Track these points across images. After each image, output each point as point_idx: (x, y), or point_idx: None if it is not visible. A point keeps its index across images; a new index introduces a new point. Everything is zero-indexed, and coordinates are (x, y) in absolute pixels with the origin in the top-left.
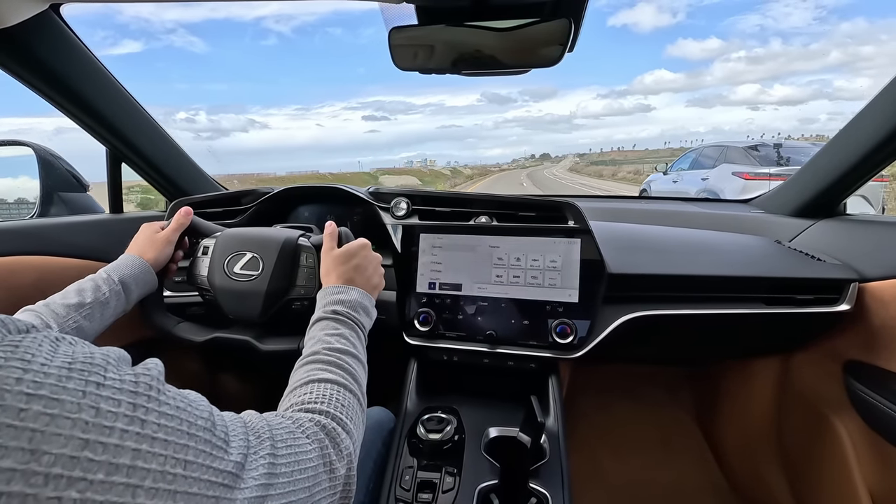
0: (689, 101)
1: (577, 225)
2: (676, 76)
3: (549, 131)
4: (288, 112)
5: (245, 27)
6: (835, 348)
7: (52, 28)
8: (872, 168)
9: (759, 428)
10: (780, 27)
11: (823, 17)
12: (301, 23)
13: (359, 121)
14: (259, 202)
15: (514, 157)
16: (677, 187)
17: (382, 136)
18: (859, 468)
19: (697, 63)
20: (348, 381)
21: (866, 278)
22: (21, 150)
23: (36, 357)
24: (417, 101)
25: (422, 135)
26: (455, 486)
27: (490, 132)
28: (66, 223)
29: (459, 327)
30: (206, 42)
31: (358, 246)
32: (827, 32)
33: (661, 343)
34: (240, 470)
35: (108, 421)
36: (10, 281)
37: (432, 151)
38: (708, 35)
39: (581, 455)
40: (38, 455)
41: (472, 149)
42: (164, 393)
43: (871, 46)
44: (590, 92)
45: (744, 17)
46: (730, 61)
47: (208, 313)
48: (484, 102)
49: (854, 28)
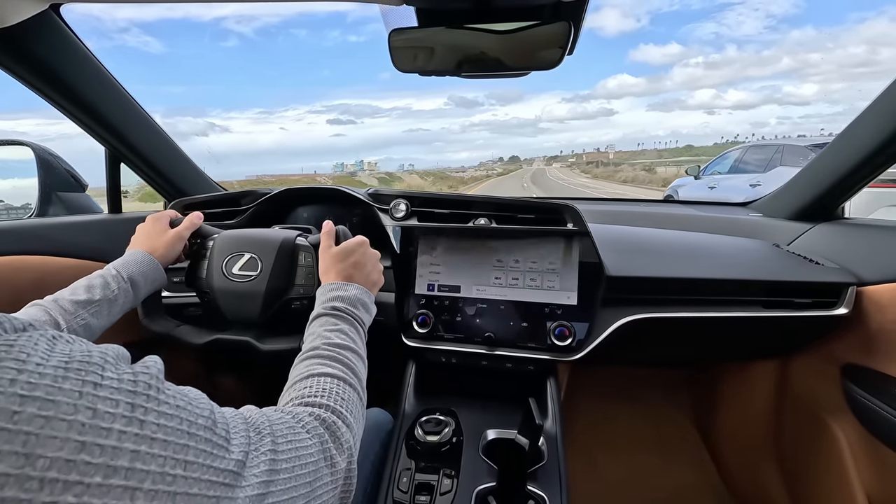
0: (650, 106)
1: (575, 227)
2: (638, 80)
3: (516, 135)
4: (250, 115)
5: (204, 27)
6: (833, 352)
7: (51, 28)
8: (871, 172)
9: (757, 431)
10: (734, 34)
11: (773, 26)
12: (264, 24)
13: (324, 124)
14: (258, 203)
15: (481, 160)
16: (716, 194)
17: (348, 140)
18: (857, 472)
19: (659, 68)
20: (348, 375)
21: (864, 282)
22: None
23: (31, 357)
24: (384, 105)
25: (388, 139)
26: (453, 489)
27: (457, 136)
28: (65, 223)
29: (458, 329)
30: (162, 42)
31: (356, 243)
32: (777, 40)
33: (659, 346)
34: (241, 468)
35: (106, 422)
36: (9, 281)
37: (399, 155)
38: (669, 41)
39: (579, 457)
40: (33, 459)
41: (439, 152)
42: (164, 392)
43: (818, 54)
44: (555, 96)
45: (700, 24)
46: (688, 66)
47: (207, 315)
48: (451, 106)
49: (803, 36)
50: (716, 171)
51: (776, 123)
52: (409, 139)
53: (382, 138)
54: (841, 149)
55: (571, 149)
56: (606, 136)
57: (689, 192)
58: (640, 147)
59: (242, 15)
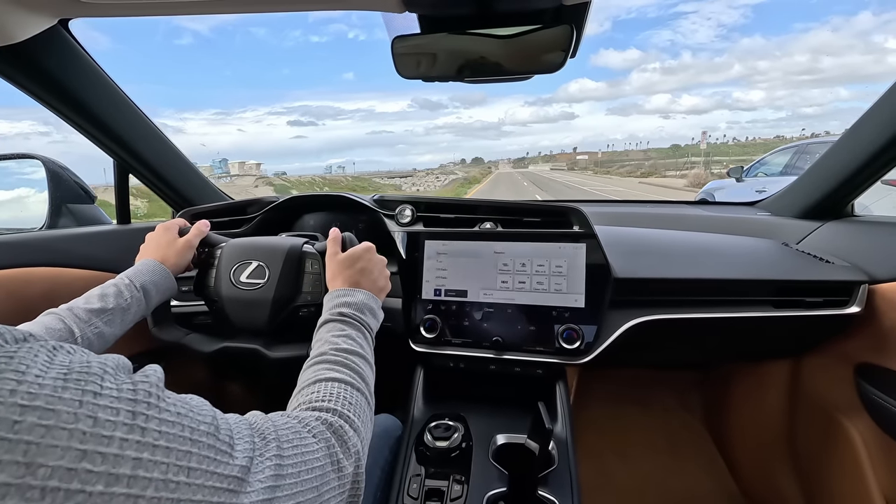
0: (609, 110)
1: (582, 230)
2: (598, 85)
3: (480, 138)
4: (206, 116)
5: (156, 24)
6: (846, 351)
7: (60, 43)
8: (880, 168)
9: (770, 432)
10: (688, 42)
11: (724, 35)
12: (221, 21)
13: (284, 126)
14: (264, 211)
15: (442, 162)
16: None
17: (310, 143)
18: (873, 472)
19: (618, 73)
20: (355, 379)
21: (876, 280)
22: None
23: (31, 368)
24: (347, 106)
25: (351, 141)
26: (463, 494)
27: (421, 138)
28: (75, 234)
29: (465, 334)
30: (111, 39)
31: (363, 249)
32: (729, 48)
33: (668, 348)
34: (245, 473)
35: (107, 430)
36: (20, 292)
37: (361, 157)
38: (628, 46)
39: (590, 462)
40: (34, 468)
41: (403, 155)
42: (164, 400)
43: (766, 61)
44: (518, 100)
45: (657, 31)
46: (646, 72)
47: (216, 323)
48: (415, 108)
49: (753, 44)
50: (760, 172)
51: (726, 128)
52: (373, 141)
53: (345, 140)
54: (850, 146)
55: (538, 150)
56: (567, 139)
57: (731, 196)
58: (609, 148)
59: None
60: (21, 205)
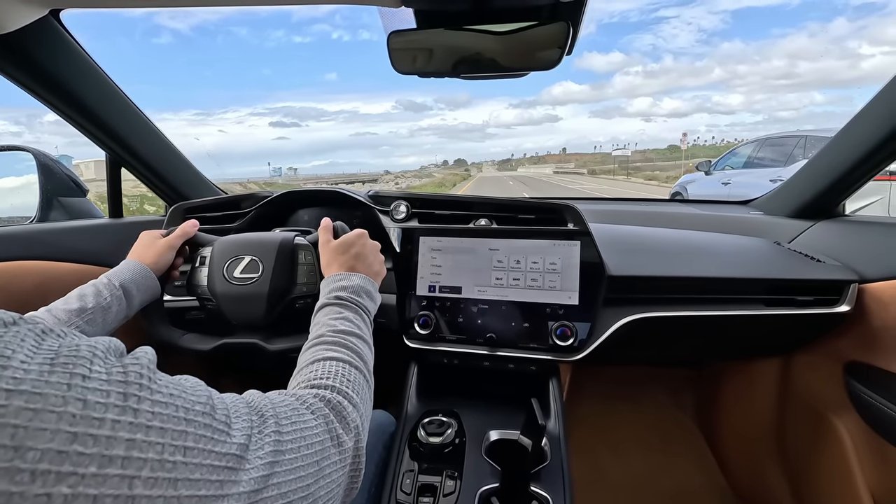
0: (592, 113)
1: (576, 227)
2: (582, 88)
3: (464, 140)
4: (186, 117)
5: (135, 22)
6: (835, 349)
7: (51, 33)
8: (871, 169)
9: (760, 429)
10: (669, 46)
11: (705, 40)
12: (201, 20)
13: (266, 127)
14: (258, 206)
15: (424, 164)
16: (731, 191)
17: (293, 144)
18: (860, 469)
19: (601, 76)
20: (353, 358)
21: (866, 279)
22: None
23: (16, 353)
24: (330, 108)
25: (335, 142)
26: (456, 490)
27: (405, 140)
28: (66, 228)
29: (459, 330)
30: (86, 36)
31: (356, 235)
32: (709, 53)
33: (661, 345)
34: (244, 451)
35: (98, 412)
36: (11, 286)
37: (344, 159)
38: (612, 49)
39: (582, 457)
40: (23, 451)
41: (387, 157)
42: (156, 381)
43: (745, 65)
44: (502, 102)
45: (640, 35)
46: (629, 75)
47: (210, 319)
48: (399, 110)
49: (733, 48)
50: (727, 166)
51: (705, 130)
52: (356, 143)
53: (328, 142)
54: (841, 146)
55: (523, 152)
56: (551, 142)
57: (700, 189)
58: (596, 149)
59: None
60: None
